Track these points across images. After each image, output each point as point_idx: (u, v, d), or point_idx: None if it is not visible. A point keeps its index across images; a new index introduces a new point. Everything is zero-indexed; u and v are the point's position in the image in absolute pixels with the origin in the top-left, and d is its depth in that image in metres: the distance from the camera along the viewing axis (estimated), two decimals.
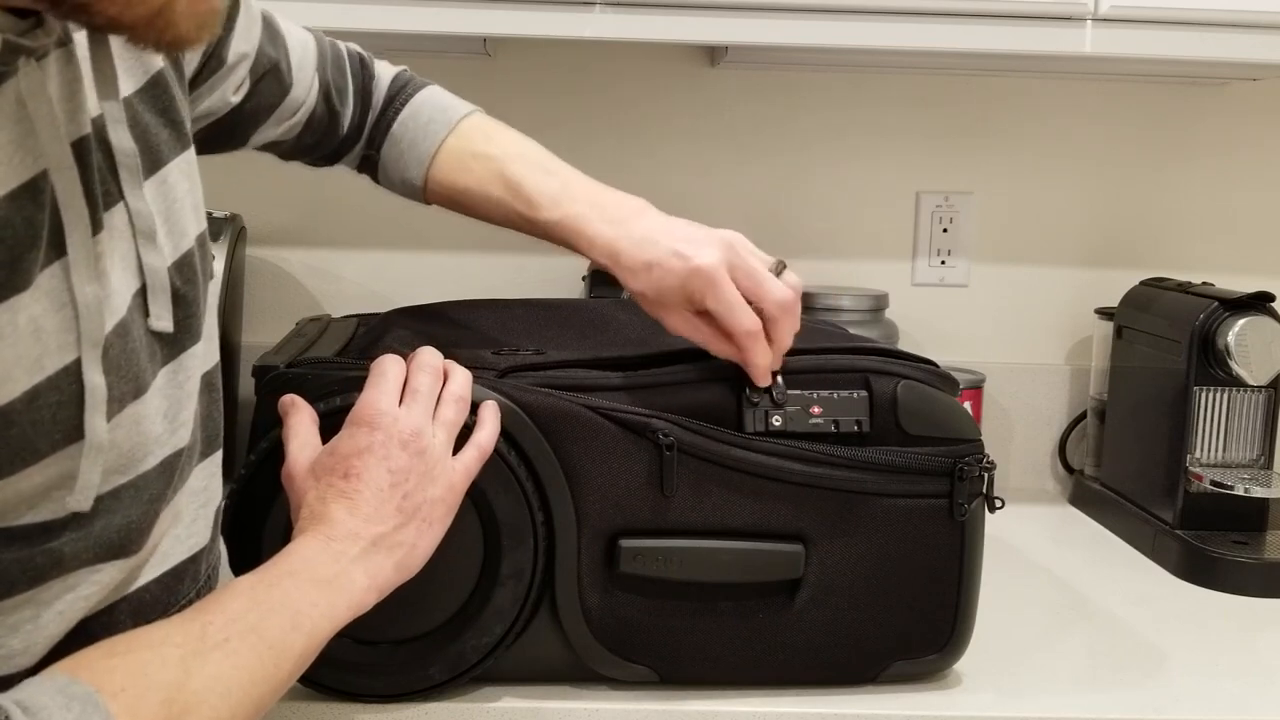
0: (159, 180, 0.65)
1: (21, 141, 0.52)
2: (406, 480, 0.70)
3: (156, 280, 0.62)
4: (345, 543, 0.67)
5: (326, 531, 0.67)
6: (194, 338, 0.67)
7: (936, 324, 1.47)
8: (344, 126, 0.91)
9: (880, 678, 0.85)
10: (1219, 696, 0.89)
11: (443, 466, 0.72)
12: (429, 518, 0.71)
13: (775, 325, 0.80)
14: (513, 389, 0.80)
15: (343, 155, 0.94)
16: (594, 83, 1.42)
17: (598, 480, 0.81)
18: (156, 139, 0.65)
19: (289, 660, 0.61)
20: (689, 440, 0.81)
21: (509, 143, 0.89)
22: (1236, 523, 1.17)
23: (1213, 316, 1.16)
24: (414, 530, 0.70)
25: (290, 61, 0.86)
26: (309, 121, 0.89)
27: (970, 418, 0.86)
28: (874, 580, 0.84)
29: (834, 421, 0.82)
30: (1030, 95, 1.45)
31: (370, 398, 0.72)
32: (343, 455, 0.70)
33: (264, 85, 0.83)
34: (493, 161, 0.87)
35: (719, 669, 0.84)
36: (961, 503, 0.84)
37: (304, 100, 0.87)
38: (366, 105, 0.92)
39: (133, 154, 0.60)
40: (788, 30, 1.11)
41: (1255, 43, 1.13)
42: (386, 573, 0.68)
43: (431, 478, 0.71)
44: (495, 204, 0.87)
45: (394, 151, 0.91)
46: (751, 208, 1.45)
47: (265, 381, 0.81)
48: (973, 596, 0.86)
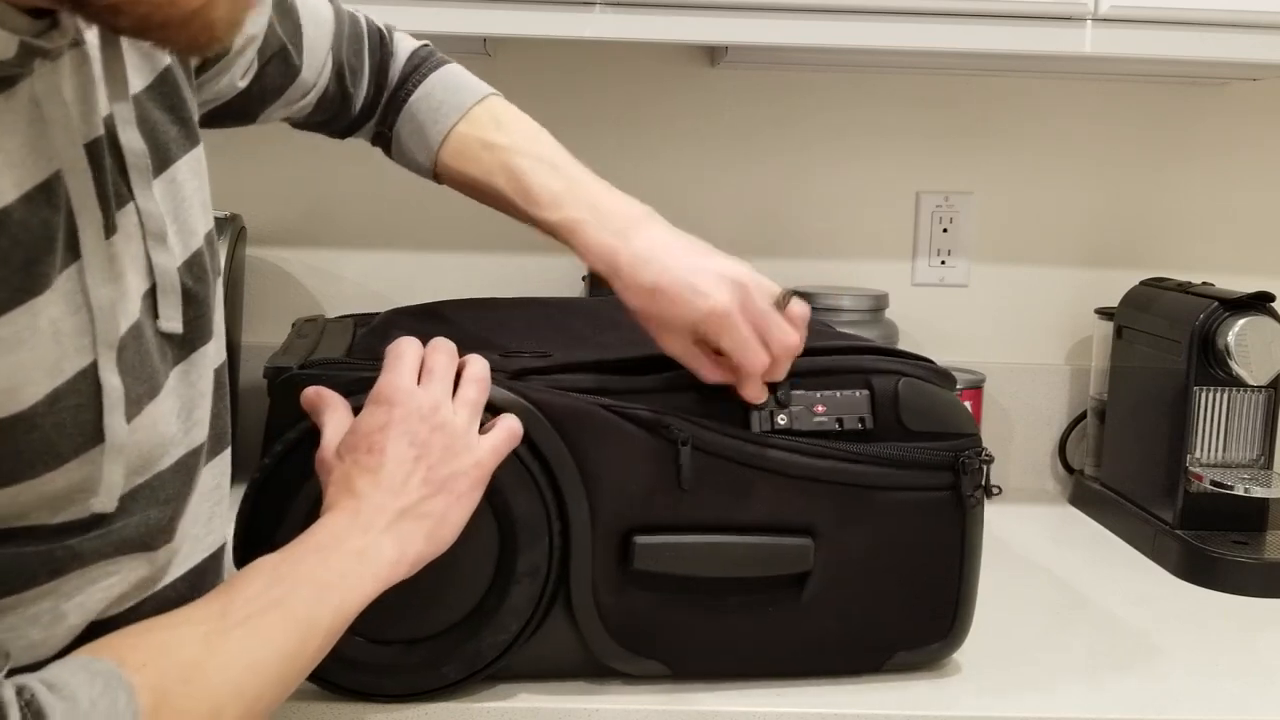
0: (168, 179, 0.65)
1: (35, 143, 0.52)
2: (430, 452, 0.71)
3: (166, 281, 0.62)
4: (372, 515, 0.68)
5: (353, 505, 0.68)
6: (206, 336, 0.67)
7: (936, 324, 1.47)
8: (356, 106, 0.90)
9: (885, 667, 0.87)
10: (1219, 696, 0.89)
11: (466, 441, 0.73)
12: (456, 490, 0.71)
13: (777, 363, 0.81)
14: (527, 388, 0.80)
15: (355, 130, 0.93)
16: (594, 83, 1.42)
17: (612, 477, 0.81)
18: (165, 136, 0.65)
19: (317, 634, 0.62)
20: (702, 436, 0.81)
21: (519, 133, 0.87)
22: (1236, 523, 1.17)
23: (1213, 316, 1.16)
24: (442, 502, 0.70)
25: (303, 43, 0.84)
26: (320, 101, 0.88)
27: (968, 412, 0.88)
28: (879, 571, 0.85)
29: (838, 419, 0.84)
30: (1030, 95, 1.45)
31: (388, 378, 0.73)
32: (364, 433, 0.71)
33: (272, 67, 0.82)
34: (501, 152, 0.85)
35: (729, 662, 0.85)
36: (969, 494, 0.85)
37: (314, 83, 0.86)
38: (381, 85, 0.90)
39: (143, 154, 0.60)
40: (788, 30, 1.11)
41: (1255, 43, 1.13)
42: (417, 543, 0.69)
43: (454, 451, 0.72)
44: (498, 196, 0.86)
45: (406, 130, 0.89)
46: (751, 208, 1.45)
47: (279, 383, 0.81)
48: (972, 585, 0.88)
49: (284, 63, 0.83)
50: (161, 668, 0.56)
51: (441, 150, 0.87)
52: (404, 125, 0.89)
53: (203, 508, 0.68)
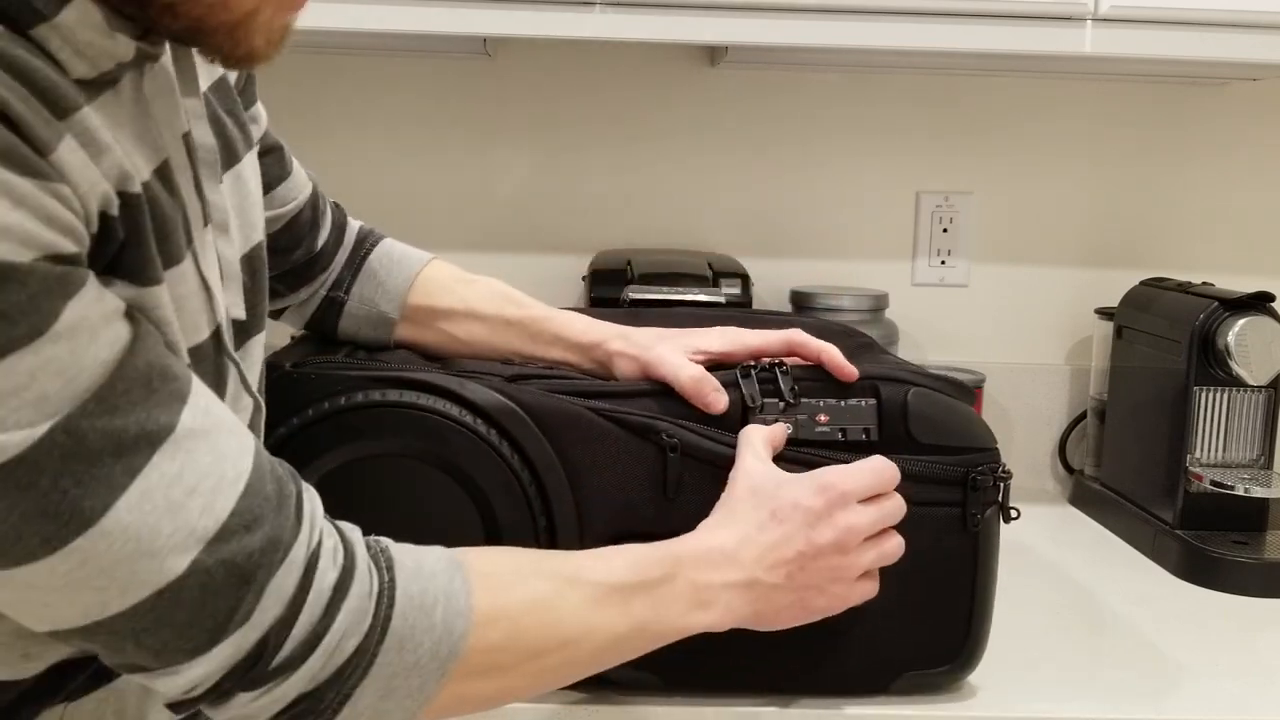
0: (234, 175, 0.67)
1: (143, 136, 0.55)
2: (815, 560, 0.72)
3: (230, 270, 0.64)
4: (726, 562, 0.70)
5: (727, 533, 0.72)
6: (261, 325, 0.69)
7: (936, 324, 1.47)
8: (319, 241, 0.89)
9: (892, 688, 0.84)
10: (1219, 696, 0.89)
11: (846, 582, 0.74)
12: (809, 605, 0.73)
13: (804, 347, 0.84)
14: (516, 390, 0.80)
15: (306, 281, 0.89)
16: (594, 83, 1.42)
17: (599, 482, 0.80)
18: (231, 135, 0.68)
19: (641, 638, 0.66)
20: (693, 442, 0.80)
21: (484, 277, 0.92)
22: (1236, 523, 1.17)
23: (1213, 316, 1.16)
24: (787, 599, 0.72)
25: (289, 156, 0.86)
26: (293, 221, 0.86)
27: (985, 425, 0.85)
28: (884, 589, 0.81)
29: (841, 430, 0.81)
30: (1030, 95, 1.45)
31: (844, 475, 0.74)
32: (787, 499, 0.73)
33: (267, 161, 0.83)
34: (476, 283, 0.90)
35: (722, 675, 0.83)
36: (975, 513, 0.82)
37: (296, 195, 0.86)
38: (340, 239, 0.91)
39: (213, 149, 0.62)
40: (788, 30, 1.11)
41: (1255, 43, 1.13)
42: (742, 612, 0.71)
43: (831, 577, 0.73)
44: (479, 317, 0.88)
45: (367, 288, 0.90)
46: (751, 207, 1.45)
47: (272, 381, 0.81)
48: (987, 608, 0.85)
49: (279, 163, 0.84)
50: (506, 585, 0.61)
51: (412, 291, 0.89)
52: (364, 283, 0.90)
53: None
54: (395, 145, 1.43)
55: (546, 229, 1.43)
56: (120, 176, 0.51)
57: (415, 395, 0.78)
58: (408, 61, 1.42)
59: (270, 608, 0.52)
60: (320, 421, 0.78)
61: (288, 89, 1.41)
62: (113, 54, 0.52)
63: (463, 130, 1.42)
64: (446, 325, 0.89)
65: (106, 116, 0.51)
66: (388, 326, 0.89)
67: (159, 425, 0.49)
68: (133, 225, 0.51)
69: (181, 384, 0.52)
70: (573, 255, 1.42)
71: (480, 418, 0.78)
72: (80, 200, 0.48)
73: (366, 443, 0.78)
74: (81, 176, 0.48)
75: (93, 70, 0.51)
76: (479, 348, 0.89)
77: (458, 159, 1.43)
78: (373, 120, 1.42)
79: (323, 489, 0.77)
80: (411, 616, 0.56)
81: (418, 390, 0.79)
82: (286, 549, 0.53)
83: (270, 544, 0.52)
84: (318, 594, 0.54)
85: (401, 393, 0.78)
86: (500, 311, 0.88)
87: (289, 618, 0.53)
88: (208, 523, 0.50)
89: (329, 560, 0.55)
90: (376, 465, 0.78)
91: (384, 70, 1.41)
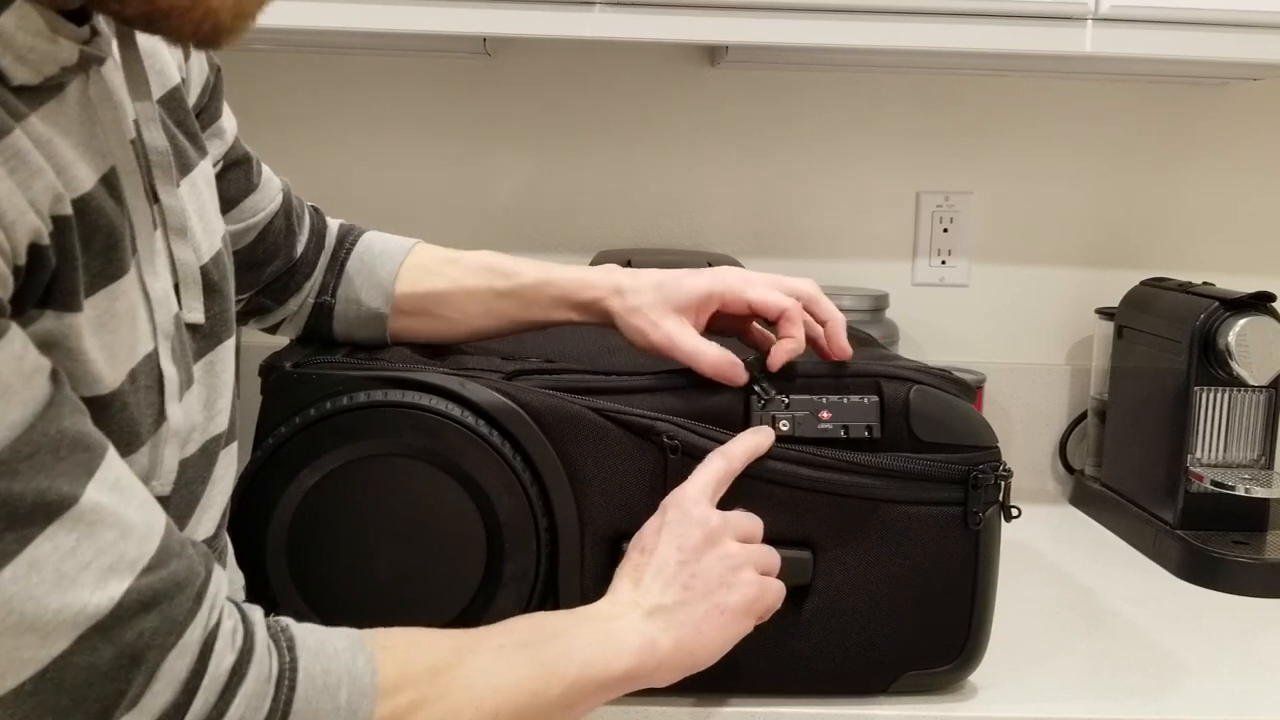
0: (190, 182, 0.66)
1: (89, 143, 0.54)
2: (697, 560, 0.73)
3: (187, 274, 0.63)
4: (623, 606, 0.72)
5: (611, 596, 0.73)
6: (229, 331, 0.69)
7: (936, 324, 1.47)
8: (297, 249, 0.88)
9: (891, 688, 0.84)
10: (1219, 696, 0.89)
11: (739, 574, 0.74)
12: (722, 606, 0.73)
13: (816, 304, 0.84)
14: (515, 389, 0.79)
15: (292, 291, 0.89)
16: (594, 83, 1.42)
17: (601, 482, 0.80)
18: (183, 144, 0.67)
19: (559, 684, 0.64)
20: (694, 443, 0.80)
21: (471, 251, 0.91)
22: (1237, 523, 1.17)
23: (1213, 316, 1.16)
24: (699, 612, 0.72)
25: (259, 167, 0.85)
26: (266, 231, 0.85)
27: (987, 424, 0.85)
28: (884, 589, 0.82)
29: (843, 427, 0.81)
30: (1030, 95, 1.45)
31: (681, 486, 0.77)
32: (647, 531, 0.76)
33: (233, 174, 0.82)
34: (462, 260, 0.89)
35: (723, 677, 0.81)
36: (976, 511, 0.82)
37: (265, 206, 0.85)
38: (320, 244, 0.90)
39: (166, 152, 0.61)
40: (788, 30, 1.11)
41: (1255, 43, 1.13)
42: (664, 644, 0.70)
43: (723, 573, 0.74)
44: (469, 292, 0.87)
45: (351, 288, 0.89)
46: (751, 208, 1.45)
47: (271, 381, 0.81)
48: (988, 607, 0.84)
49: (245, 176, 0.83)
50: (408, 656, 0.59)
51: (399, 280, 0.88)
52: (348, 284, 0.89)
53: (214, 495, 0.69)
54: (395, 145, 1.43)
55: (546, 229, 1.43)
56: (54, 199, 0.49)
57: (416, 395, 0.78)
58: (408, 61, 1.42)
59: (161, 692, 0.49)
60: (320, 421, 0.78)
61: (287, 89, 1.41)
62: (55, 58, 0.50)
63: (463, 130, 1.42)
64: (440, 309, 0.88)
65: (51, 125, 0.50)
66: (380, 322, 0.89)
67: (60, 495, 0.46)
68: (64, 249, 0.49)
69: (93, 455, 0.49)
70: (573, 255, 1.42)
71: (481, 418, 0.78)
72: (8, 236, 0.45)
73: (367, 443, 0.78)
74: (9, 206, 0.45)
75: (36, 76, 0.49)
76: (478, 325, 0.88)
77: (458, 159, 1.43)
78: (373, 120, 1.42)
79: (323, 489, 0.78)
80: (315, 699, 0.54)
81: (418, 390, 0.78)
82: (181, 630, 0.50)
83: (165, 624, 0.49)
84: (213, 679, 0.51)
85: (402, 393, 0.78)
86: (490, 285, 0.87)
87: (182, 703, 0.50)
88: (100, 600, 0.47)
89: (226, 642, 0.52)
90: (377, 465, 0.78)
91: (384, 70, 1.41)
